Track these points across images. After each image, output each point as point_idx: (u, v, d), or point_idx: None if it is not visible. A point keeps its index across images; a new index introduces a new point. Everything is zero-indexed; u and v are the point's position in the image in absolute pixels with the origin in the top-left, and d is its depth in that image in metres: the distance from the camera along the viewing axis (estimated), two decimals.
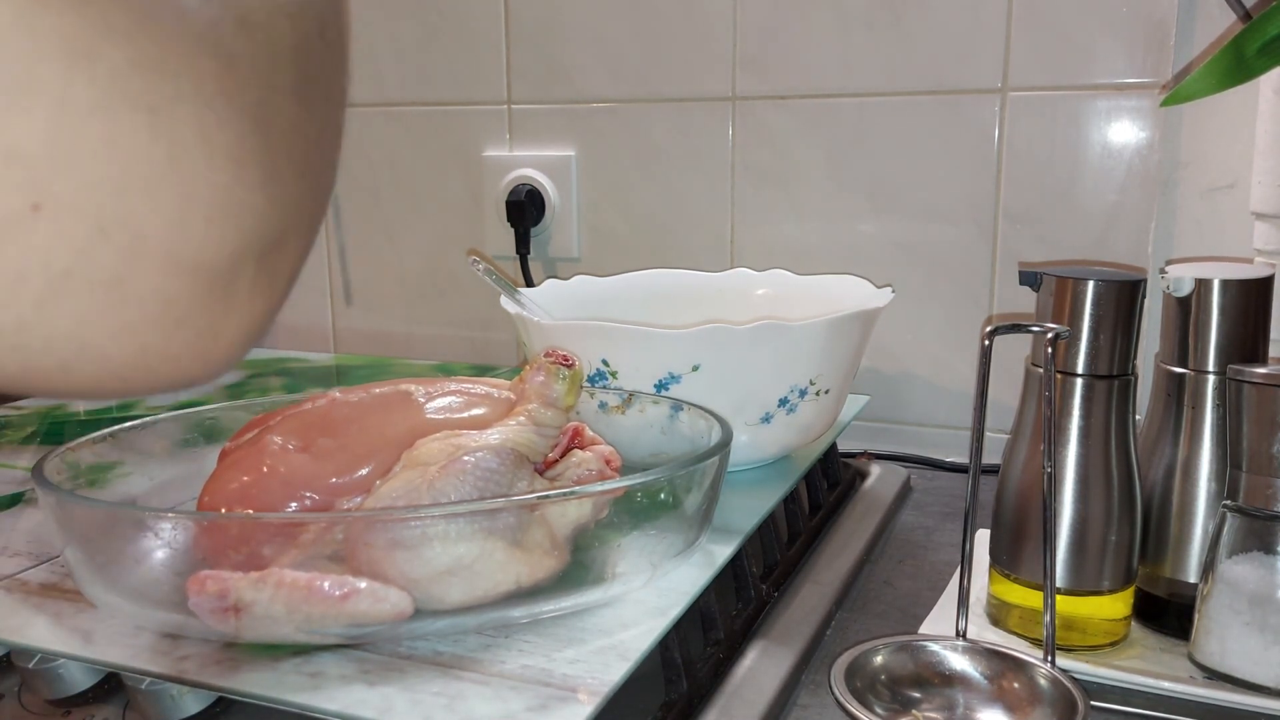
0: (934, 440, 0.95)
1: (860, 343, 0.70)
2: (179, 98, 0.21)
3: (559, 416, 0.54)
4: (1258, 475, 0.51)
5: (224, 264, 0.23)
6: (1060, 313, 0.55)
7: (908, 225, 0.93)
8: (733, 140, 0.98)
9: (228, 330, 0.25)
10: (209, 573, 0.44)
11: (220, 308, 0.24)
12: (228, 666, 0.45)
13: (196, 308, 0.23)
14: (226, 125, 0.22)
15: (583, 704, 0.42)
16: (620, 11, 0.99)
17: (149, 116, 0.21)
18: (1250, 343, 0.55)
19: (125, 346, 0.23)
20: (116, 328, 0.22)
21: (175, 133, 0.21)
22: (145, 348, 0.23)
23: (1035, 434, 0.56)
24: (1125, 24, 0.83)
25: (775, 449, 0.69)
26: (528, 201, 1.04)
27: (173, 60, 0.21)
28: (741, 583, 0.60)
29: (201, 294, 0.23)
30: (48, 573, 0.56)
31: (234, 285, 0.24)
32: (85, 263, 0.21)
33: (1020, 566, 0.57)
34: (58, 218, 0.20)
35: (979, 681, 0.51)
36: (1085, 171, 0.86)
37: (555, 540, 0.49)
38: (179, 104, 0.21)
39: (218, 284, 0.23)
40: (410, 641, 0.47)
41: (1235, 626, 0.52)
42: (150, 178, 0.21)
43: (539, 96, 1.04)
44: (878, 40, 0.91)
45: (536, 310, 0.74)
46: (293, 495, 0.51)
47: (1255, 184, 0.75)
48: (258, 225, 0.24)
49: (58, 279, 0.21)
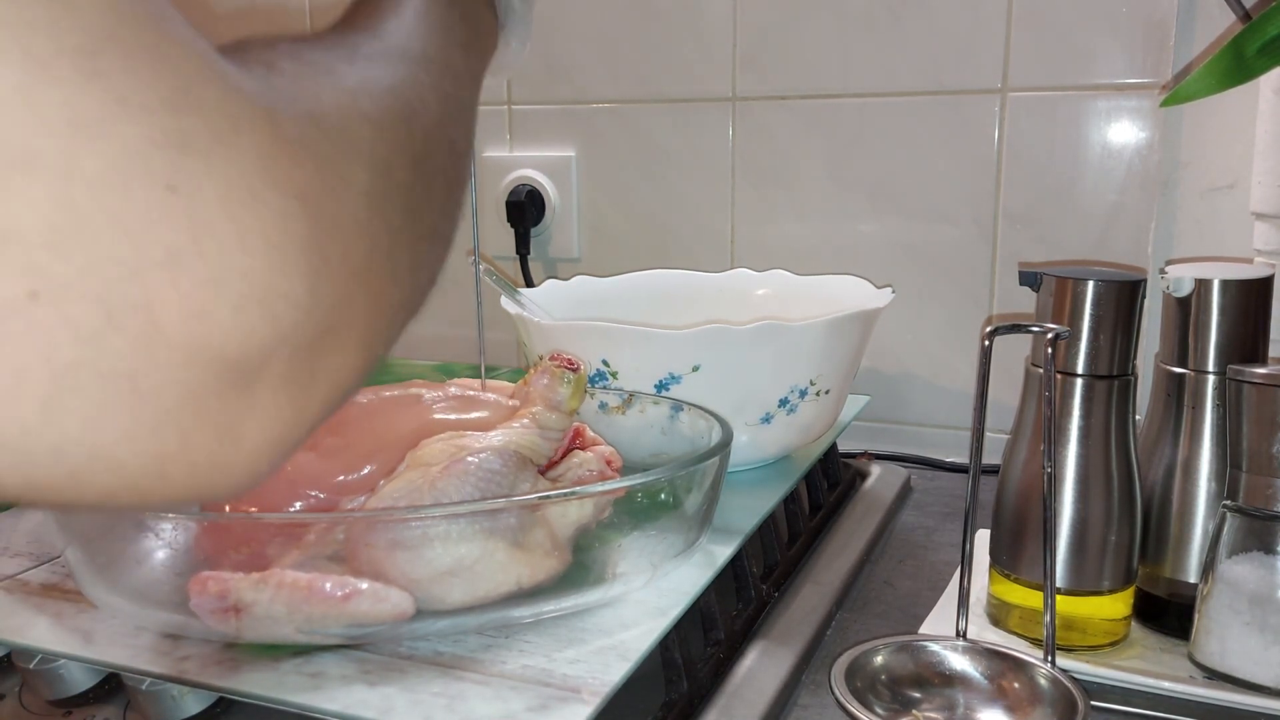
0: (934, 440, 0.95)
1: (860, 343, 0.70)
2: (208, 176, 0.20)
3: (563, 419, 0.54)
4: (1258, 475, 0.51)
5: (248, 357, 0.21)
6: (1060, 313, 0.55)
7: (908, 225, 0.93)
8: (733, 140, 0.98)
9: (249, 434, 0.22)
10: (209, 573, 0.44)
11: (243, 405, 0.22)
12: (228, 667, 0.45)
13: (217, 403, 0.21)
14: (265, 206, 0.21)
15: (584, 704, 0.42)
16: (620, 11, 0.99)
17: (165, 194, 0.19)
18: (1250, 343, 0.55)
19: (139, 450, 0.21)
20: (130, 428, 0.20)
21: (197, 213, 0.20)
22: (161, 452, 0.21)
23: (1035, 434, 0.56)
24: (1125, 24, 0.83)
25: (775, 449, 0.69)
26: (528, 201, 1.04)
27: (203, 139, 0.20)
28: (742, 583, 0.60)
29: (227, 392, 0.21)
30: (48, 573, 0.56)
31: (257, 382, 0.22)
32: (93, 354, 0.19)
33: (1020, 566, 0.57)
34: (59, 304, 0.18)
35: (979, 681, 0.51)
36: (1085, 171, 0.86)
37: (556, 541, 0.49)
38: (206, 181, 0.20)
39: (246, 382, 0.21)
40: (411, 642, 0.47)
41: (1235, 626, 0.52)
42: (167, 260, 0.19)
43: (539, 96, 1.04)
44: (878, 40, 0.91)
45: (537, 310, 0.74)
46: (298, 494, 0.51)
47: (1255, 184, 0.75)
48: (293, 317, 0.22)
49: (63, 374, 0.19)
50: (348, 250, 0.23)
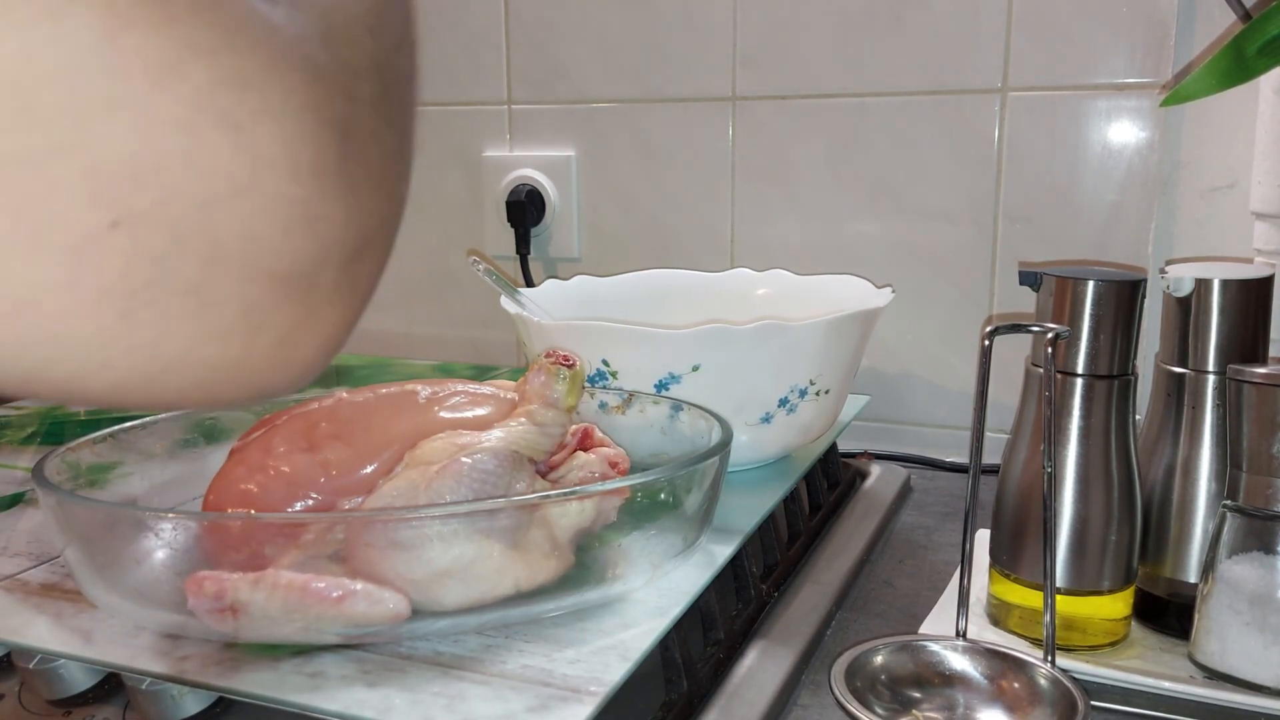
0: (934, 440, 0.95)
1: (860, 343, 0.70)
2: (265, 113, 0.21)
3: (560, 416, 0.54)
4: (1258, 475, 0.51)
5: (302, 272, 0.23)
6: (1060, 313, 0.55)
7: (908, 225, 0.93)
8: (733, 140, 0.98)
9: (308, 337, 0.25)
10: (207, 573, 0.44)
11: (300, 314, 0.24)
12: (228, 667, 0.45)
13: (276, 314, 0.24)
14: (310, 139, 0.22)
15: (583, 704, 0.42)
16: (620, 11, 0.99)
17: (233, 134, 0.21)
18: (1250, 343, 0.55)
19: (207, 354, 0.23)
20: (198, 336, 0.22)
21: (259, 149, 0.21)
22: (226, 356, 0.23)
23: (1035, 434, 0.56)
24: (1125, 24, 0.83)
25: (775, 449, 0.69)
26: (528, 201, 1.04)
27: (258, 76, 0.21)
28: (741, 583, 0.60)
29: (281, 300, 0.23)
30: (48, 573, 0.56)
31: (314, 292, 0.24)
32: (164, 273, 0.21)
33: (1020, 566, 0.57)
34: (136, 232, 0.20)
35: (979, 681, 0.51)
36: (1085, 171, 0.86)
37: (556, 542, 0.49)
38: (264, 119, 0.21)
39: (296, 290, 0.24)
40: (410, 642, 0.47)
41: (1235, 626, 0.52)
42: (230, 192, 0.21)
43: (539, 96, 1.04)
44: (878, 40, 0.91)
45: (536, 310, 0.74)
46: (297, 494, 0.51)
47: (1255, 184, 0.75)
48: (337, 234, 0.24)
49: (139, 290, 0.21)
50: (368, 164, 0.25)
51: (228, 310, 0.23)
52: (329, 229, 0.24)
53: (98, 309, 0.21)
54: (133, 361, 0.22)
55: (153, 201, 0.20)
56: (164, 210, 0.21)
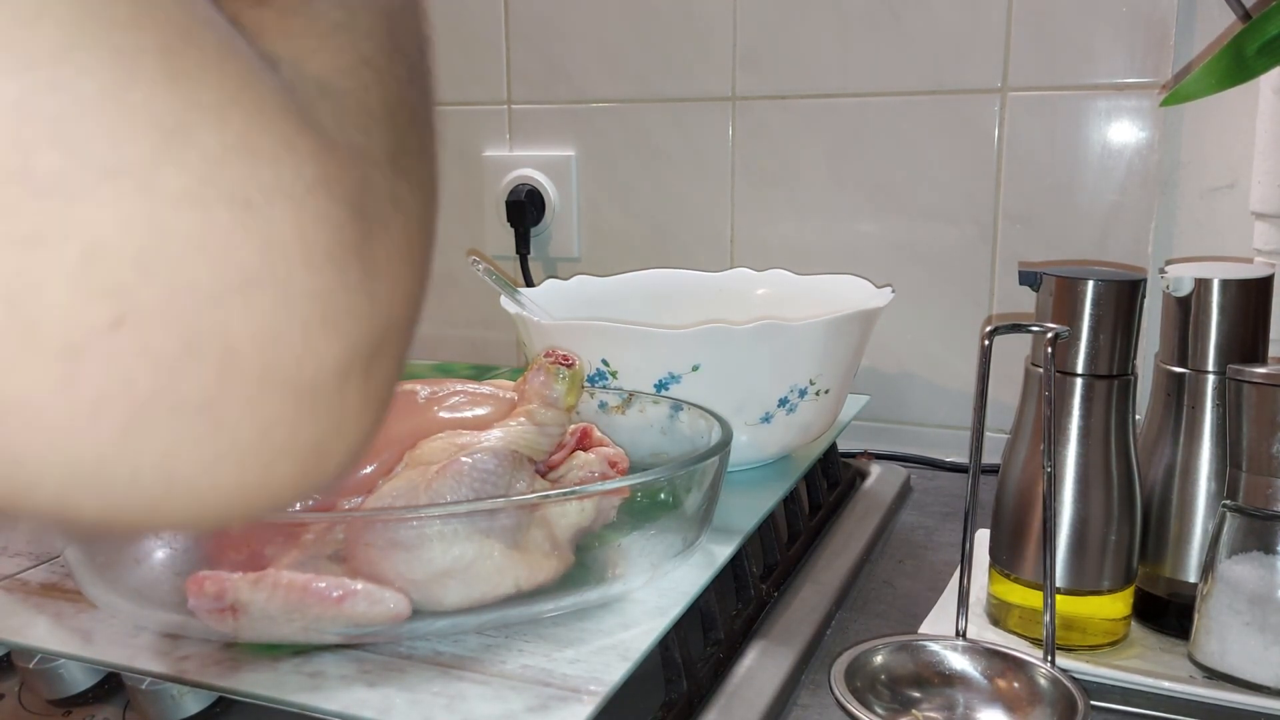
0: (934, 440, 0.95)
1: (860, 343, 0.70)
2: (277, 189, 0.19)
3: (560, 416, 0.54)
4: (1258, 475, 0.51)
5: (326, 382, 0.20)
6: (1060, 313, 0.55)
7: (908, 225, 0.93)
8: (733, 140, 0.98)
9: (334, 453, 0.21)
10: (207, 573, 0.44)
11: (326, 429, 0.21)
12: (228, 666, 0.45)
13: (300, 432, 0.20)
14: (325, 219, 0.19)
15: (583, 704, 0.42)
16: (620, 11, 0.99)
17: (244, 213, 0.18)
18: (1250, 343, 0.55)
19: (220, 480, 0.20)
20: (210, 459, 0.19)
21: (271, 231, 0.18)
22: (243, 481, 0.20)
23: (1035, 434, 0.56)
24: (1125, 24, 0.83)
25: (775, 449, 0.69)
26: (528, 201, 1.04)
27: (267, 143, 0.19)
28: (741, 583, 0.60)
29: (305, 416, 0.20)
30: (48, 573, 0.56)
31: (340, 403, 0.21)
32: (173, 384, 0.18)
33: (1020, 566, 0.57)
34: (142, 332, 0.17)
35: (979, 681, 0.51)
36: (1085, 171, 0.86)
37: (556, 542, 0.49)
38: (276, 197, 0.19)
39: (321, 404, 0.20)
40: (410, 642, 0.47)
41: (1235, 626, 0.52)
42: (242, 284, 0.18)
43: (539, 96, 1.04)
44: (878, 40, 0.91)
45: (536, 310, 0.74)
46: None
47: (1255, 184, 0.75)
48: (361, 328, 0.21)
49: (142, 404, 0.18)
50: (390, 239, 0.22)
51: (244, 430, 0.19)
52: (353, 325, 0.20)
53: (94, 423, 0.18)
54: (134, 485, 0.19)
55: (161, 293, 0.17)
56: (173, 305, 0.18)
